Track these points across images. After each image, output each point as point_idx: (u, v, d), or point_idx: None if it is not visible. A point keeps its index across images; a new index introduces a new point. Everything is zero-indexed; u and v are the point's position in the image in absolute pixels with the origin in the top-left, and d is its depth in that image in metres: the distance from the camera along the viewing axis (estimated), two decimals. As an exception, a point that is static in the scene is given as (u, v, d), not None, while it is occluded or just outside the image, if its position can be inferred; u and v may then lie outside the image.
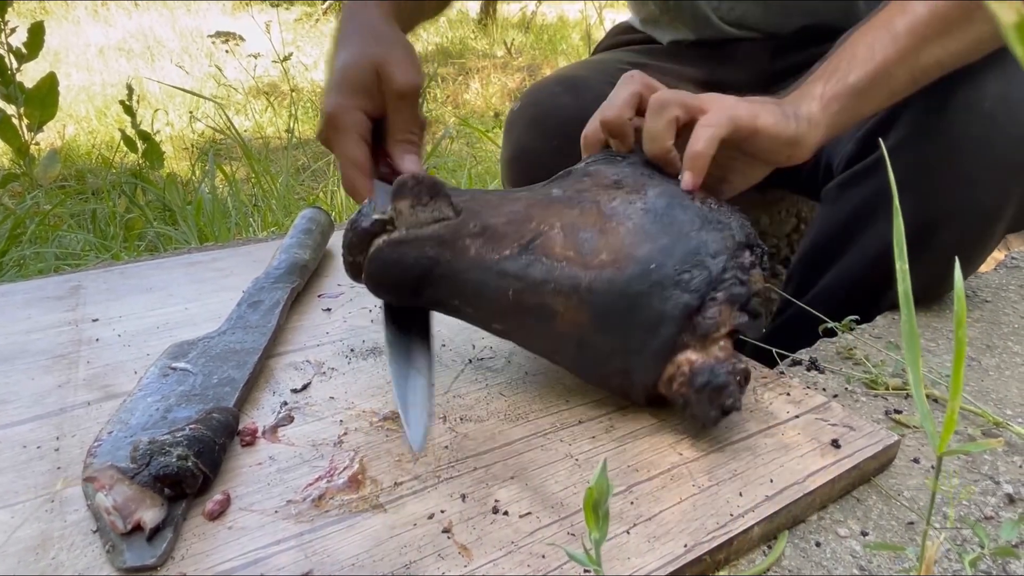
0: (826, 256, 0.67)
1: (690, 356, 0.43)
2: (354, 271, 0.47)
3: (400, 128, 0.55)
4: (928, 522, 0.27)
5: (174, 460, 0.36)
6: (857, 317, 0.58)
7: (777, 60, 0.78)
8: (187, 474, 0.36)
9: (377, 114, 0.55)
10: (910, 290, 0.22)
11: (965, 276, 0.69)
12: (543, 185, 0.51)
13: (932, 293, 0.67)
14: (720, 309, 0.43)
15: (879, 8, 0.53)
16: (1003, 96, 0.55)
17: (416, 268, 0.44)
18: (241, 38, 3.61)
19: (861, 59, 0.51)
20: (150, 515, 0.34)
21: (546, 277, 0.44)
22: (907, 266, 0.22)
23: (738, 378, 0.42)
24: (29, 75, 1.73)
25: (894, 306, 0.66)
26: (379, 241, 0.44)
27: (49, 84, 1.66)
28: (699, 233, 0.45)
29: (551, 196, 0.48)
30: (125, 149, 1.84)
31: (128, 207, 1.47)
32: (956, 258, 0.22)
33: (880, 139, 0.46)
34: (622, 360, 0.44)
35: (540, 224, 0.45)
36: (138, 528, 0.34)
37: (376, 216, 0.45)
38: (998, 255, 0.85)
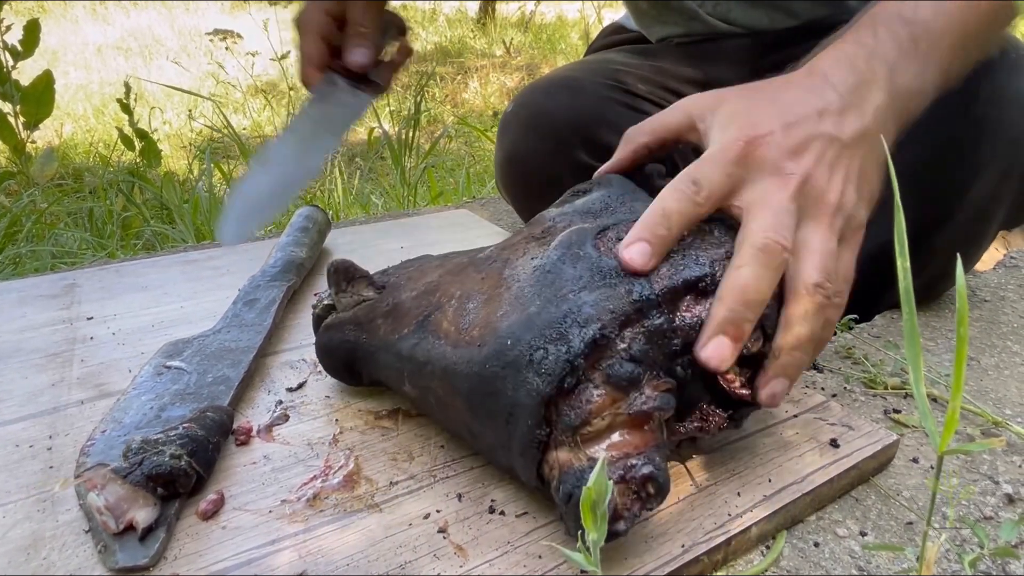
0: None
1: (561, 456, 0.32)
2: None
3: (353, 23, 0.59)
4: (928, 522, 0.26)
5: (167, 459, 0.35)
6: (856, 316, 0.58)
7: (769, 56, 0.78)
8: (180, 473, 0.35)
9: (341, 16, 0.60)
10: (911, 287, 0.22)
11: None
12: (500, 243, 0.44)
13: (929, 294, 0.67)
14: (595, 395, 0.32)
15: None
16: (992, 99, 0.55)
17: (342, 351, 0.45)
18: (239, 36, 3.60)
19: (943, 41, 0.42)
20: (143, 515, 0.34)
21: (426, 358, 0.38)
22: (908, 263, 0.21)
23: (632, 488, 0.31)
24: (26, 73, 1.72)
25: (892, 306, 0.66)
26: (322, 326, 0.46)
27: (45, 82, 1.65)
28: (579, 294, 0.34)
29: (475, 259, 0.42)
30: (123, 147, 1.83)
31: (125, 206, 1.46)
32: (958, 256, 0.22)
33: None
34: (504, 455, 0.36)
35: (441, 296, 0.40)
36: (130, 528, 0.34)
37: (326, 301, 0.47)
38: (997, 254, 0.85)
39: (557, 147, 0.74)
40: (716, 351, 0.34)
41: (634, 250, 0.35)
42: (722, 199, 0.37)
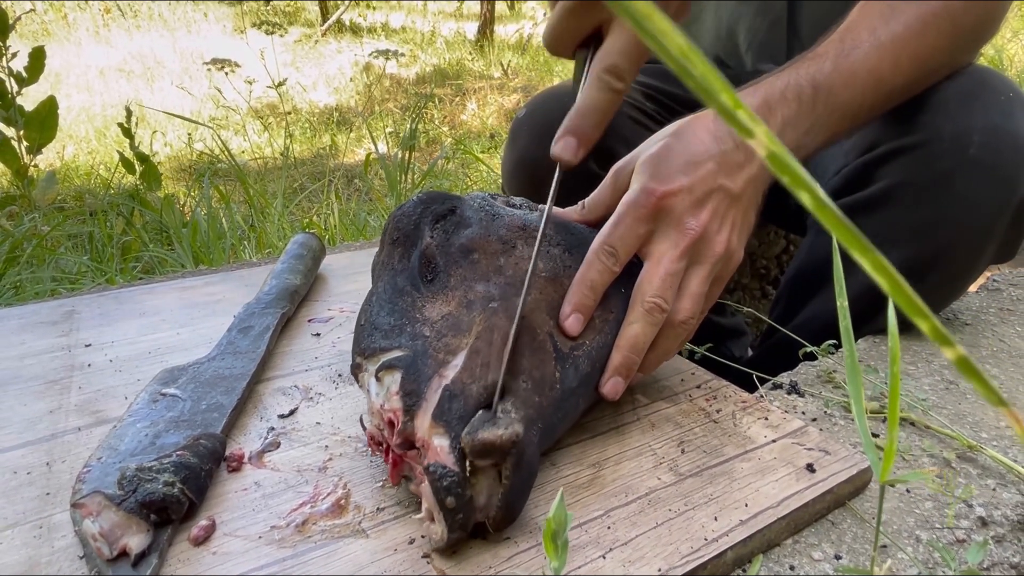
0: (814, 283, 0.69)
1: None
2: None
3: (604, 53, 0.47)
4: (875, 548, 0.27)
5: (160, 487, 0.36)
6: (836, 342, 0.59)
7: None
8: (173, 500, 0.36)
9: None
10: (850, 328, 0.23)
11: (949, 304, 0.70)
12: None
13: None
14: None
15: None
16: (986, 140, 0.57)
17: None
18: (236, 64, 3.66)
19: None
20: (136, 541, 0.35)
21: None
22: (847, 303, 0.23)
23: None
24: (30, 97, 1.75)
25: (880, 331, 0.68)
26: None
27: (49, 107, 1.68)
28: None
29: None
30: (123, 171, 1.86)
31: (124, 229, 1.48)
32: (890, 301, 0.23)
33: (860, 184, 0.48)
34: None
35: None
36: (124, 554, 0.35)
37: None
38: (980, 278, 0.86)
39: None
40: (612, 387, 0.45)
41: (571, 321, 0.45)
42: (633, 253, 0.47)
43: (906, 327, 0.68)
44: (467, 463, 0.35)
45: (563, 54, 0.54)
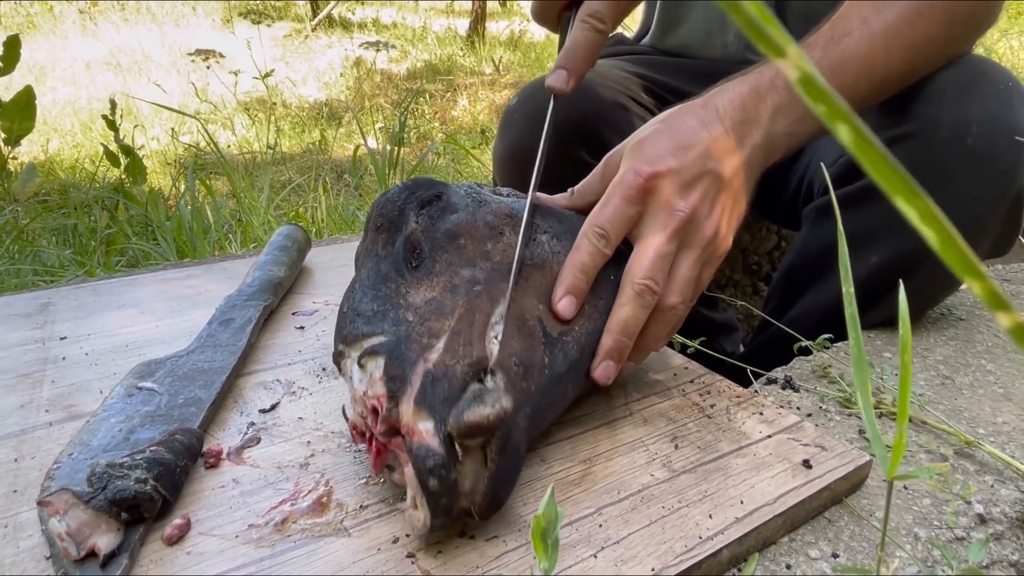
0: (808, 276, 0.68)
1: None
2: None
3: (586, 4, 0.51)
4: (881, 547, 0.26)
5: (131, 483, 0.35)
6: (831, 336, 0.58)
7: None
8: (145, 498, 0.35)
9: None
10: (856, 314, 0.22)
11: (944, 299, 0.70)
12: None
13: (916, 314, 0.68)
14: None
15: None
16: (984, 131, 0.56)
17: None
18: (221, 55, 3.62)
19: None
20: (105, 540, 0.33)
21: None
22: (852, 289, 0.22)
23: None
24: (12, 88, 1.72)
25: (874, 325, 0.67)
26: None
27: (26, 98, 1.64)
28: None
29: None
30: (108, 164, 1.83)
31: (108, 223, 1.45)
32: (900, 283, 0.22)
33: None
34: None
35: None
36: (92, 554, 0.33)
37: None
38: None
39: (560, 145, 0.74)
40: (604, 371, 0.45)
41: (564, 303, 0.44)
42: (623, 236, 0.46)
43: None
44: (455, 447, 0.34)
45: (548, 23, 0.57)
